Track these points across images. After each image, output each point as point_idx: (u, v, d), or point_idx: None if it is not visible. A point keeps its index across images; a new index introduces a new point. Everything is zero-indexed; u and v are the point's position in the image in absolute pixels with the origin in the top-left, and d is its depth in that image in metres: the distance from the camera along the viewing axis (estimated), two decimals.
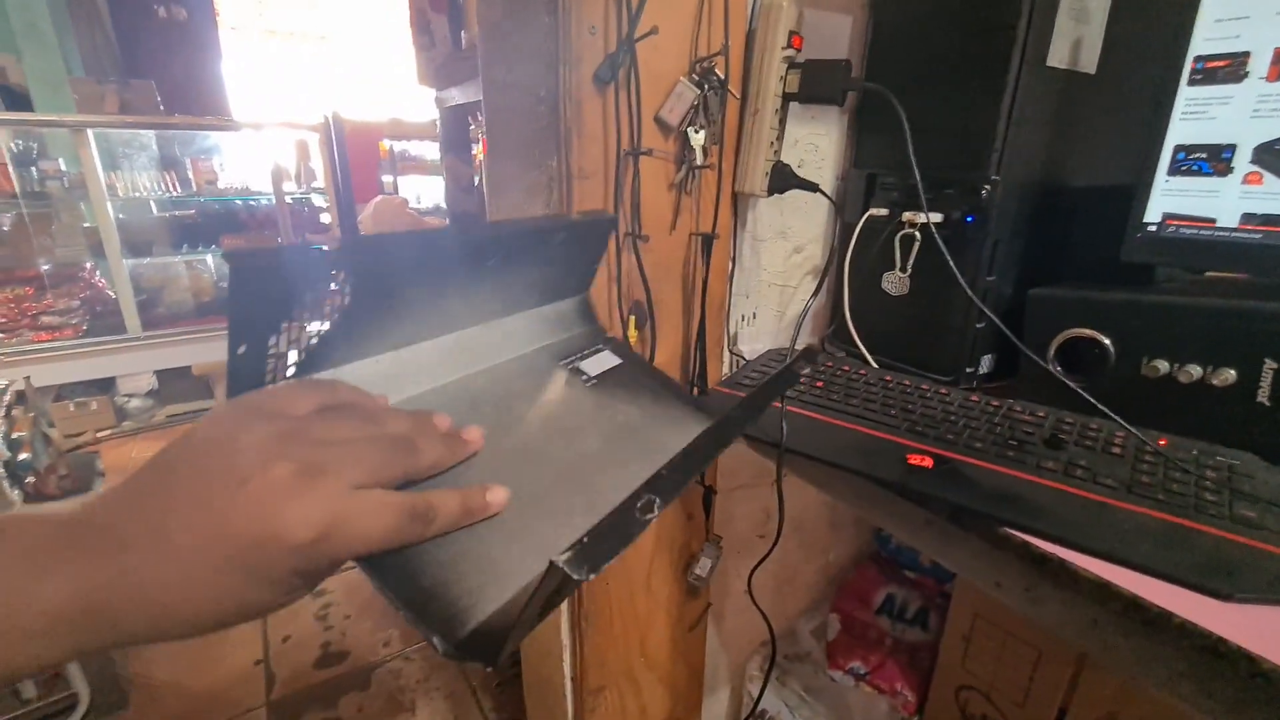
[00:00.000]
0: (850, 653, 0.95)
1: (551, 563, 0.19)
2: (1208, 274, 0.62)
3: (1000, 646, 0.79)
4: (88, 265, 2.48)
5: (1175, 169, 0.53)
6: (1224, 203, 0.51)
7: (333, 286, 0.30)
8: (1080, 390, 0.52)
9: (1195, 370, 0.50)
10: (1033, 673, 0.76)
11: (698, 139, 0.60)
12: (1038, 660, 0.75)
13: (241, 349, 0.28)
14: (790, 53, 0.62)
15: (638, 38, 0.56)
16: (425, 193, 3.23)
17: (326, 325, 0.31)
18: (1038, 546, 0.41)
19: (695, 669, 0.93)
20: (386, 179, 3.16)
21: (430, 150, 3.20)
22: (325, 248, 0.30)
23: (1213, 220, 0.52)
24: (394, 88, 3.95)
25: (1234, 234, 0.51)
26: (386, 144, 3.16)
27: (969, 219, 0.61)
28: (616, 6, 0.55)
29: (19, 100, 2.47)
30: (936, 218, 0.61)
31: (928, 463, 0.49)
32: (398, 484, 0.27)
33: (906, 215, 0.64)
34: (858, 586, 1.03)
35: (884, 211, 0.67)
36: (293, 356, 0.31)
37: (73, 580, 0.21)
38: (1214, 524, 0.40)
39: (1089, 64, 0.62)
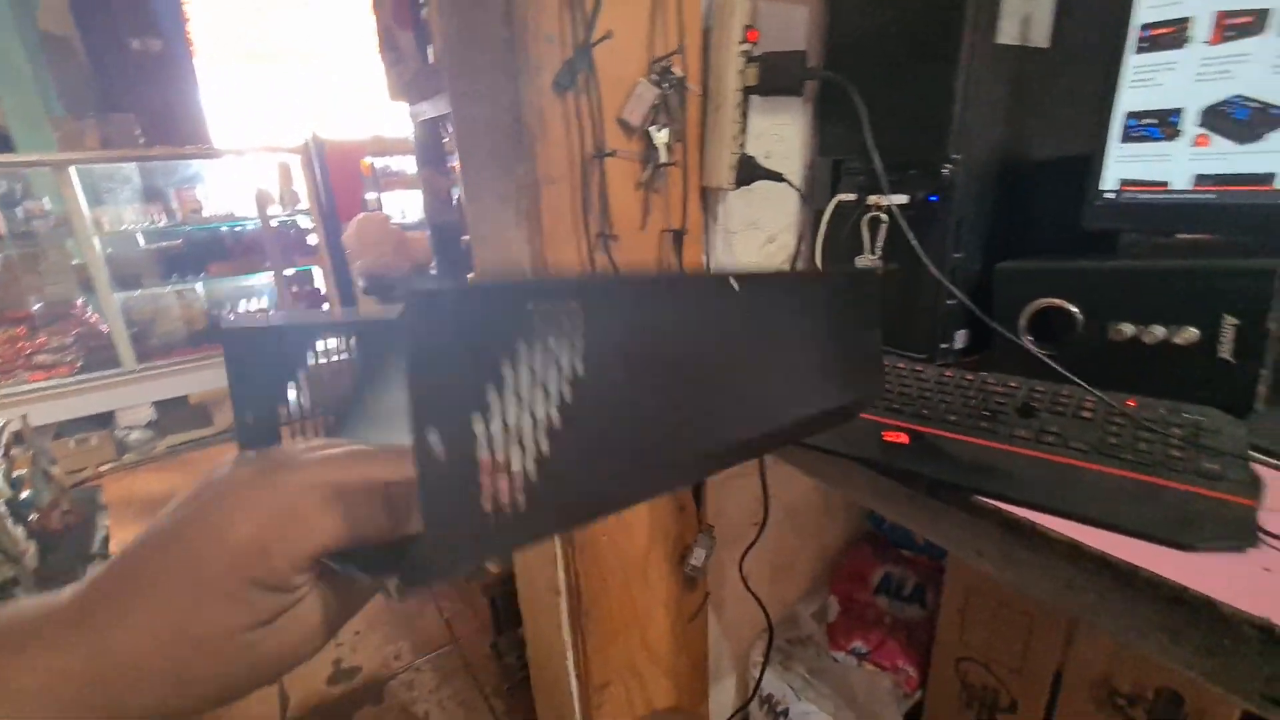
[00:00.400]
0: (851, 633, 0.96)
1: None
2: (1178, 236, 0.63)
3: (994, 617, 0.80)
4: (78, 302, 2.49)
5: (1128, 136, 0.55)
6: (1175, 166, 0.52)
7: (342, 355, 0.29)
8: (1046, 359, 0.53)
9: (1159, 331, 0.51)
10: (1027, 639, 0.77)
11: (660, 137, 0.61)
12: (1031, 627, 0.77)
13: (250, 418, 0.28)
14: (747, 47, 0.63)
15: (593, 43, 0.57)
16: (410, 207, 3.23)
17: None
18: (1009, 512, 0.42)
19: (698, 659, 0.94)
20: (370, 196, 3.16)
21: (413, 165, 3.20)
22: (311, 321, 0.29)
23: (1165, 184, 0.53)
24: (374, 104, 3.94)
25: (1188, 196, 0.52)
26: (369, 161, 3.16)
27: (932, 199, 0.62)
28: (571, 14, 0.56)
29: None
30: (901, 199, 0.62)
31: (904, 439, 0.50)
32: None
33: (872, 199, 0.65)
34: (855, 568, 1.04)
35: (851, 196, 0.68)
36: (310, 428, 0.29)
37: (49, 673, 0.19)
38: (1180, 479, 0.41)
39: (1040, 39, 0.63)
